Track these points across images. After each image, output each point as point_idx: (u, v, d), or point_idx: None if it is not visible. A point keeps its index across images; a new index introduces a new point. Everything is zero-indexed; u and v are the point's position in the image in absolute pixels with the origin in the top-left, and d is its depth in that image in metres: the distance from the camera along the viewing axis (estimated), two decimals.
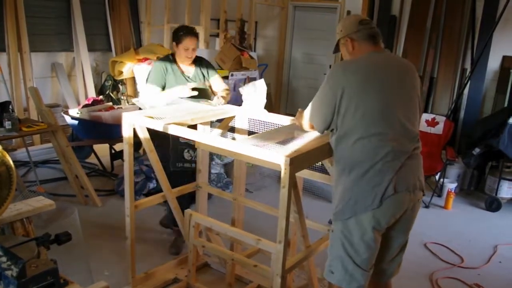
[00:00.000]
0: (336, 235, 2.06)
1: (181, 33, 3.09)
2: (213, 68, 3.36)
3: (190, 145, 3.03)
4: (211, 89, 3.32)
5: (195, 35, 3.13)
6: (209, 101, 3.10)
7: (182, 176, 3.07)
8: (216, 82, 3.31)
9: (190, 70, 3.23)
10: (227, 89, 3.24)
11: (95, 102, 5.14)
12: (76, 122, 4.78)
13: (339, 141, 2.03)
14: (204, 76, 3.27)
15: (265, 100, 2.89)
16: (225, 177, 4.58)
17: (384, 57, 2.12)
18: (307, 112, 2.21)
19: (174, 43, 3.15)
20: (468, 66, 5.51)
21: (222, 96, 3.08)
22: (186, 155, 2.96)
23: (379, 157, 1.93)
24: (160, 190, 2.83)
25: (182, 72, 3.20)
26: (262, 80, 2.98)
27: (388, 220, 1.98)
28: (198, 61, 3.27)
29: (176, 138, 2.78)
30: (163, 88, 3.13)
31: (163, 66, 3.16)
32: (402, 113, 2.01)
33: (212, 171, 4.50)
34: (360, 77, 1.99)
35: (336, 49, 2.24)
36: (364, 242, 1.98)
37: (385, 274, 2.22)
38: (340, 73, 2.02)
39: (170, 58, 3.21)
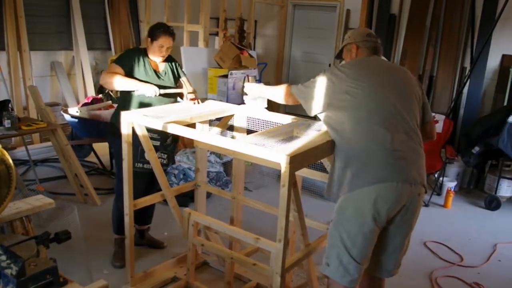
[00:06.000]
0: (334, 225, 2.09)
1: (158, 30, 2.98)
2: (182, 69, 3.25)
3: (164, 146, 2.93)
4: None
5: (172, 35, 3.02)
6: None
7: (142, 177, 2.95)
8: (185, 84, 3.20)
9: (161, 65, 3.09)
10: (195, 91, 3.13)
11: (94, 101, 5.13)
12: (75, 120, 4.78)
13: (343, 134, 2.09)
14: (174, 76, 3.14)
15: (266, 101, 2.88)
16: (224, 175, 4.58)
17: (383, 60, 2.32)
18: (282, 87, 2.39)
19: (148, 39, 3.00)
20: (467, 64, 5.51)
21: (191, 99, 2.99)
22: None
23: (385, 144, 2.00)
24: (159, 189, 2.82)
25: (154, 67, 3.04)
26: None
27: (387, 210, 1.99)
28: (169, 60, 3.14)
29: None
30: (128, 75, 2.94)
31: (136, 55, 3.00)
32: (405, 109, 2.09)
33: (211, 169, 4.50)
34: (367, 71, 2.14)
35: (339, 55, 2.44)
36: (362, 233, 2.01)
37: (381, 268, 2.22)
38: (346, 67, 2.17)
39: (142, 51, 3.05)
